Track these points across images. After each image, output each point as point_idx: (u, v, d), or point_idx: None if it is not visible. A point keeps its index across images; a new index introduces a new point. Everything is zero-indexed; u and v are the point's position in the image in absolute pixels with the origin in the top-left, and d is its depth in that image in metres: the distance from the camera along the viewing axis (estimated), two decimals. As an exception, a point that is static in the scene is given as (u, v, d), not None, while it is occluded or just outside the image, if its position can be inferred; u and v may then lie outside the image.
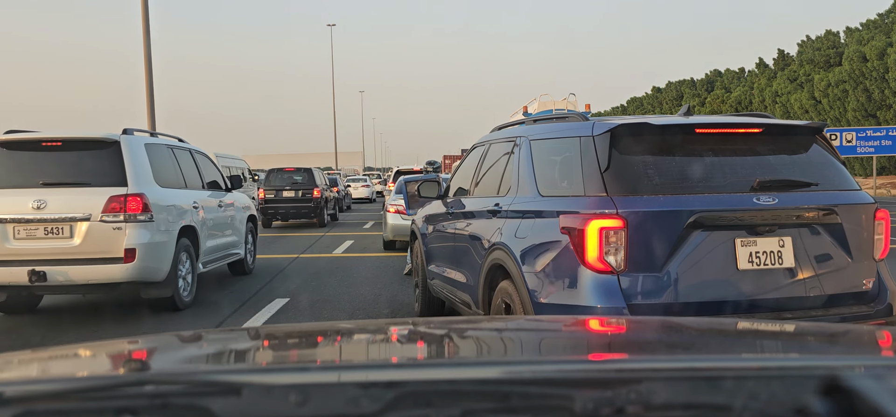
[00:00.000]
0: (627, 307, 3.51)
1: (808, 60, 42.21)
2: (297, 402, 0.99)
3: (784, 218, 3.65)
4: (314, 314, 7.21)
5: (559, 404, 1.00)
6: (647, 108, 63.22)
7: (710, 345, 1.60)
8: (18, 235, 6.51)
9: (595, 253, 3.54)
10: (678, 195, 3.59)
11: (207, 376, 1.17)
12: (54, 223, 6.51)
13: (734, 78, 54.76)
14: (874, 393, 0.94)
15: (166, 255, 6.93)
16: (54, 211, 6.50)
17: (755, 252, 3.62)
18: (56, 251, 6.49)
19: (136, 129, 7.24)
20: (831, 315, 3.70)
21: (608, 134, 3.74)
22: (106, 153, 6.72)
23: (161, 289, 6.95)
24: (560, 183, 4.06)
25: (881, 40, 35.73)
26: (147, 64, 20.44)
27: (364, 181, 38.82)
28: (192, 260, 7.61)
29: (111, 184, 6.61)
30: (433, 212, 6.25)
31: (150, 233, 6.70)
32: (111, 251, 6.53)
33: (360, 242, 14.62)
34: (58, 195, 6.54)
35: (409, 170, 18.85)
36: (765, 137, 3.95)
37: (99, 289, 6.81)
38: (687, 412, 1.00)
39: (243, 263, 9.73)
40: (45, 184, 6.60)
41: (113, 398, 1.01)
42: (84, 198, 6.54)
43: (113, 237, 6.52)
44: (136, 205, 6.58)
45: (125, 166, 6.68)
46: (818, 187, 3.79)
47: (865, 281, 3.83)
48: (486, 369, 1.26)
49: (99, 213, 6.51)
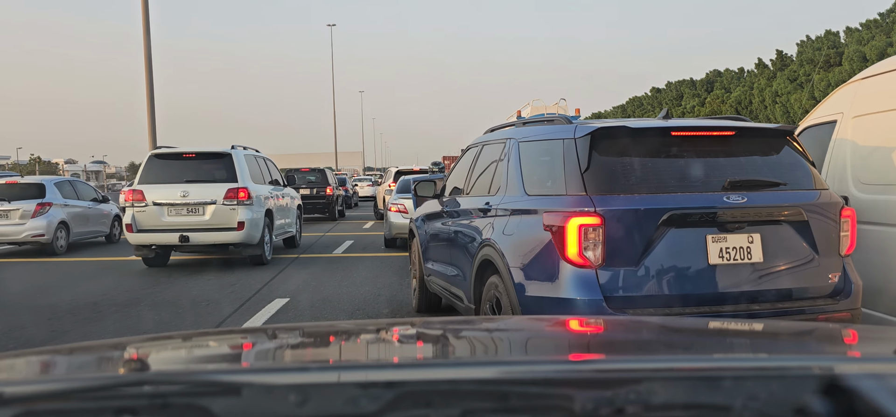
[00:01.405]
0: (604, 299, 3.71)
1: (808, 60, 42.20)
2: (296, 402, 0.99)
3: (753, 215, 3.84)
4: (314, 314, 7.22)
5: (559, 404, 1.00)
6: (646, 108, 63.24)
7: (710, 345, 1.60)
8: (170, 213, 10.34)
9: (575, 249, 3.75)
10: (653, 194, 3.81)
11: (207, 376, 1.17)
12: (193, 205, 10.35)
13: (734, 78, 54.75)
14: (874, 393, 0.94)
15: (259, 227, 10.65)
16: (193, 198, 10.33)
17: (725, 247, 3.81)
18: (194, 223, 10.34)
19: (239, 145, 11.11)
20: (798, 307, 3.88)
21: (588, 136, 3.95)
22: (223, 161, 10.56)
23: (255, 249, 10.62)
24: (545, 182, 4.26)
25: (881, 40, 35.73)
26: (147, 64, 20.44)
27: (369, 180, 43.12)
28: (270, 232, 11.26)
29: (227, 181, 10.41)
30: (430, 211, 6.45)
31: (251, 213, 10.46)
32: (228, 223, 10.31)
33: (360, 242, 14.62)
34: (195, 187, 10.35)
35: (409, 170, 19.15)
36: (737, 139, 4.15)
37: (219, 248, 10.62)
38: (687, 412, 1.00)
39: (294, 238, 13.39)
40: (187, 180, 10.41)
41: (113, 398, 1.01)
42: (211, 189, 10.35)
43: (230, 214, 10.31)
44: (244, 194, 10.37)
45: (235, 169, 10.49)
46: (787, 187, 3.99)
47: (831, 275, 4.00)
48: (485, 369, 1.26)
49: (221, 199, 10.32)
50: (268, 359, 1.56)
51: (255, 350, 1.63)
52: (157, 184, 10.40)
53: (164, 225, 10.29)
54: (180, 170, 10.53)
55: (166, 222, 10.30)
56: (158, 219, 10.30)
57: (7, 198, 13.38)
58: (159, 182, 10.40)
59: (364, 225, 19.85)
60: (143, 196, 10.34)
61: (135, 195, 10.37)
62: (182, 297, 8.33)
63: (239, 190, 10.34)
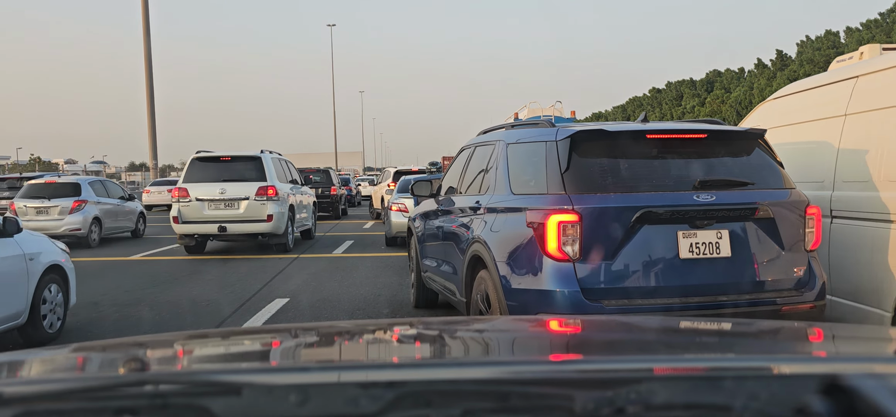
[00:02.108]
0: (581, 291, 3.97)
1: (808, 60, 42.20)
2: (297, 402, 0.99)
3: (721, 213, 4.08)
4: (314, 314, 7.22)
5: (559, 404, 1.00)
6: (646, 108, 63.24)
7: (710, 345, 1.60)
8: (210, 207, 12.19)
9: (554, 244, 4.01)
10: (627, 193, 4.07)
11: (207, 376, 1.17)
12: (230, 200, 12.18)
13: (734, 78, 54.76)
14: (874, 393, 0.94)
15: (284, 219, 12.48)
16: (229, 195, 12.15)
17: (695, 243, 4.06)
18: (231, 216, 12.16)
19: (267, 150, 12.92)
20: (764, 299, 4.14)
21: (569, 139, 4.20)
22: (254, 163, 12.39)
23: (281, 238, 12.45)
24: (529, 182, 4.51)
25: (882, 40, 35.73)
26: (147, 64, 20.40)
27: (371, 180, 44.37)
28: (292, 224, 13.11)
29: (258, 180, 12.23)
30: (426, 210, 6.67)
31: (278, 207, 12.28)
32: (259, 216, 12.13)
33: (360, 241, 14.63)
34: (231, 185, 12.18)
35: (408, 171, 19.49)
36: (709, 142, 4.39)
37: (251, 237, 12.48)
38: (687, 412, 1.00)
39: (310, 231, 15.10)
40: (224, 180, 12.24)
41: (113, 398, 1.01)
42: (245, 187, 12.15)
43: (260, 208, 12.13)
44: (272, 191, 12.19)
45: (265, 170, 12.31)
46: (754, 186, 4.23)
47: (796, 269, 4.25)
48: (486, 369, 1.26)
49: (253, 195, 12.11)
50: (268, 359, 1.56)
51: (255, 350, 1.63)
52: (198, 182, 12.25)
53: (205, 218, 12.17)
54: (218, 170, 12.40)
55: (207, 215, 12.18)
56: (200, 212, 12.17)
57: (47, 196, 14.81)
58: (200, 181, 12.25)
59: (364, 224, 19.86)
60: (187, 193, 12.18)
61: (180, 192, 12.21)
62: (182, 297, 8.33)
63: (268, 187, 12.17)
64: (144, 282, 9.51)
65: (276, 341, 1.72)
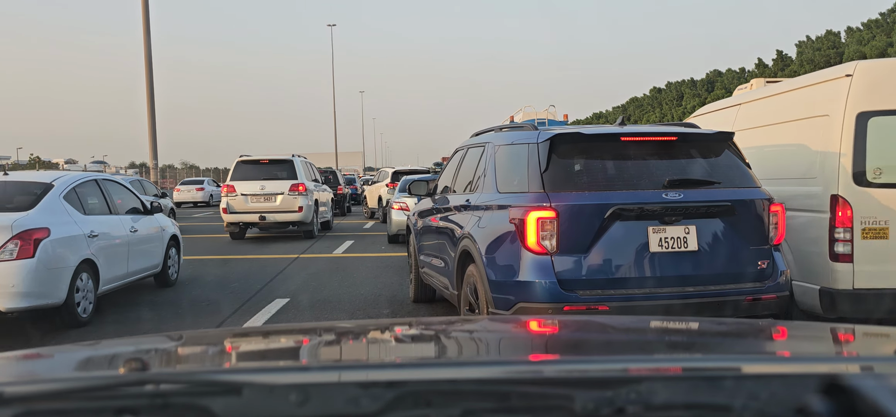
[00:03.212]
0: (558, 282, 4.27)
1: (808, 60, 42.20)
2: (297, 402, 0.99)
3: (688, 210, 4.38)
4: (314, 315, 7.22)
5: (559, 404, 1.00)
6: (646, 108, 63.25)
7: (711, 345, 1.60)
8: (252, 201, 14.87)
9: (534, 239, 4.32)
10: (601, 191, 4.38)
11: (207, 376, 1.17)
12: (268, 195, 14.90)
13: (735, 78, 54.78)
14: (874, 393, 0.94)
15: (311, 211, 15.30)
16: (268, 190, 14.87)
17: (664, 237, 4.36)
18: (269, 208, 14.89)
19: (296, 154, 15.74)
20: (729, 289, 4.43)
21: (548, 141, 4.51)
22: (287, 164, 15.17)
23: (308, 226, 15.36)
24: (512, 182, 4.81)
25: (882, 40, 35.76)
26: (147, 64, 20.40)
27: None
28: (317, 216, 15.91)
29: (290, 179, 14.94)
30: (423, 209, 6.99)
31: (306, 200, 15.05)
32: (292, 208, 14.89)
33: (360, 242, 14.64)
34: (269, 183, 14.90)
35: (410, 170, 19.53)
36: (680, 144, 4.70)
37: (284, 225, 15.35)
38: (687, 412, 1.00)
39: (329, 223, 17.74)
40: (263, 178, 14.93)
41: (113, 398, 1.01)
42: (280, 184, 14.90)
43: (293, 201, 14.87)
44: (302, 188, 14.98)
45: (296, 170, 15.13)
46: (720, 185, 4.52)
47: (761, 262, 4.52)
48: (486, 369, 1.26)
49: (287, 191, 14.85)
50: (268, 359, 1.56)
51: (255, 350, 1.64)
52: (242, 180, 14.95)
53: (248, 209, 14.89)
54: (258, 170, 15.15)
55: (250, 207, 14.89)
56: (245, 205, 14.86)
57: None
58: (244, 179, 14.97)
59: (364, 225, 19.88)
60: (234, 188, 14.92)
61: (228, 188, 14.97)
62: (182, 297, 8.33)
63: (299, 184, 14.93)
64: (145, 282, 9.51)
65: (276, 341, 1.72)
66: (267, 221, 14.92)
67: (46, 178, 7.13)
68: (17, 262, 6.00)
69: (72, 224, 6.71)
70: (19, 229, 6.10)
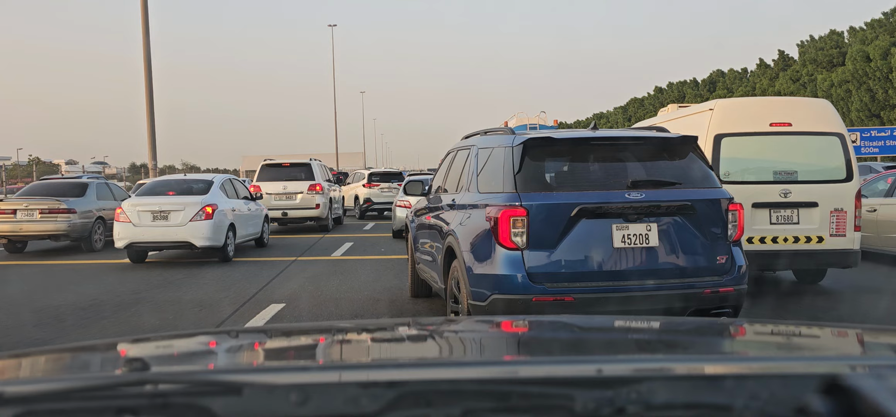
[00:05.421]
0: (528, 275, 4.58)
1: (811, 60, 42.18)
2: (297, 402, 0.99)
3: (650, 209, 4.66)
4: (314, 315, 7.22)
5: (559, 404, 1.00)
6: (647, 109, 63.23)
7: (711, 346, 1.60)
8: (276, 199, 16.70)
9: (506, 236, 4.63)
10: (568, 191, 4.72)
11: (207, 376, 1.17)
12: (289, 194, 16.82)
13: (737, 78, 54.75)
14: (874, 393, 0.94)
15: (327, 208, 17.23)
16: (289, 190, 16.84)
17: (627, 234, 4.64)
18: (290, 205, 16.86)
19: (313, 157, 17.82)
20: (688, 283, 4.71)
21: (522, 145, 4.84)
22: (305, 167, 17.16)
23: (324, 222, 17.10)
24: (490, 182, 5.13)
25: (885, 40, 35.70)
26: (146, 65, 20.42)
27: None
28: (331, 212, 17.81)
29: (308, 179, 16.92)
30: (418, 207, 7.45)
31: (323, 198, 17.00)
32: (310, 205, 16.82)
33: (360, 243, 14.64)
34: (290, 183, 16.85)
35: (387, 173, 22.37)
36: (645, 147, 5.02)
37: (304, 220, 17.05)
38: (687, 412, 1.00)
39: (340, 219, 19.73)
40: (285, 179, 16.90)
41: (113, 398, 1.01)
42: (299, 184, 16.87)
43: (311, 199, 16.79)
44: (319, 188, 16.90)
45: (313, 172, 17.05)
46: (682, 185, 4.81)
47: (719, 257, 4.80)
48: (486, 369, 1.26)
49: (306, 190, 16.80)
50: (268, 359, 1.56)
51: (255, 350, 1.63)
52: (267, 181, 16.98)
53: (272, 207, 16.45)
54: (280, 172, 17.19)
55: (274, 204, 16.65)
56: (269, 203, 16.43)
57: None
58: (269, 180, 17.01)
59: (365, 225, 19.91)
60: (260, 188, 16.68)
61: (255, 188, 16.48)
62: (182, 297, 8.33)
63: (316, 184, 16.90)
64: (146, 283, 9.52)
65: (276, 341, 1.72)
66: (288, 217, 16.95)
67: (209, 177, 12.73)
68: (204, 222, 11.19)
69: (226, 201, 12.01)
70: (204, 204, 11.32)
